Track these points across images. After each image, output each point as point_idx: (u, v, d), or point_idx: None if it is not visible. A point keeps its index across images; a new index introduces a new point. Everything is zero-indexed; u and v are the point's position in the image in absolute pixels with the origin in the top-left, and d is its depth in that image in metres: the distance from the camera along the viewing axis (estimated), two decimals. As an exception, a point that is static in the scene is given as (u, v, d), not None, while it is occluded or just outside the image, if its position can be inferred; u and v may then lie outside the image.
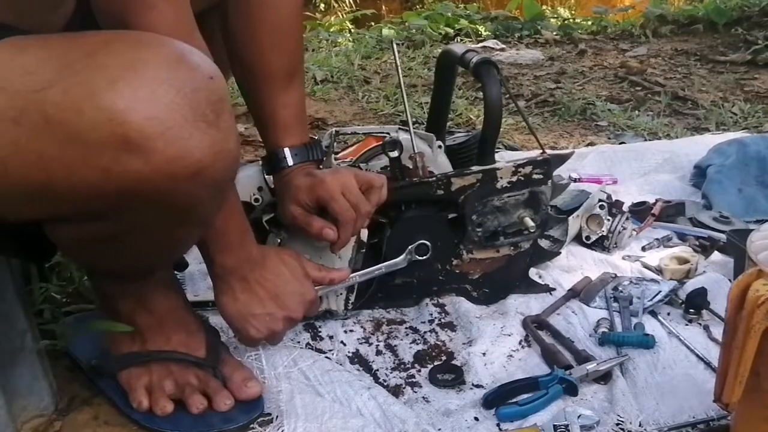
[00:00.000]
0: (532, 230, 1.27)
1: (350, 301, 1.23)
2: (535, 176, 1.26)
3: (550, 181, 1.28)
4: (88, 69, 0.74)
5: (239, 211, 1.02)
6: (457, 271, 1.28)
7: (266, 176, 1.21)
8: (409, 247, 1.22)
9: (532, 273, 1.34)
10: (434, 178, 1.23)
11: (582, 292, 1.30)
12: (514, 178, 1.25)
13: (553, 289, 1.32)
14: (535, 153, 1.39)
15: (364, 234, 1.19)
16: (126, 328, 1.00)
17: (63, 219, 0.83)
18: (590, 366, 1.09)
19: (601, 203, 1.44)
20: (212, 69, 0.79)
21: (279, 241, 1.19)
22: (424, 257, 1.23)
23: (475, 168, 1.25)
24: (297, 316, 1.07)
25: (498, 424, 1.01)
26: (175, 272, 1.26)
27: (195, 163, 0.76)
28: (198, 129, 0.76)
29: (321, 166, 1.19)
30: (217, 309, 1.15)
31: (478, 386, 1.09)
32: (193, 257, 1.26)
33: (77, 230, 0.84)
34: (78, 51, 0.76)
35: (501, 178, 1.24)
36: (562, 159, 1.35)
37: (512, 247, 1.29)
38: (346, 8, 4.70)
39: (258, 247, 1.05)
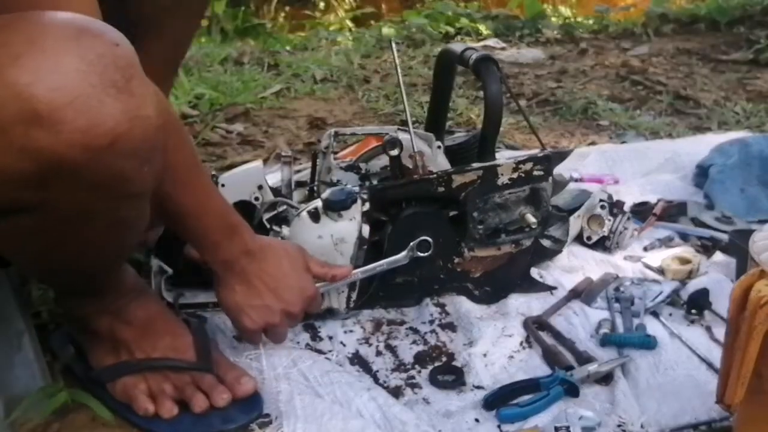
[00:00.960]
0: (533, 226, 1.26)
1: (352, 300, 1.22)
2: (535, 173, 1.25)
3: (550, 177, 1.27)
4: None
5: (221, 210, 1.01)
6: (459, 270, 1.27)
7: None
8: (411, 243, 1.21)
9: (533, 273, 1.33)
10: (435, 175, 1.23)
11: (583, 293, 1.29)
12: (515, 175, 1.25)
13: (555, 288, 1.31)
14: (536, 152, 1.39)
15: (366, 231, 1.19)
16: (106, 414, 0.99)
17: None
18: (591, 367, 1.08)
19: (602, 203, 1.44)
20: (117, 36, 0.77)
21: (280, 239, 1.18)
22: (426, 254, 1.22)
23: (475, 165, 1.25)
24: (295, 310, 1.07)
25: (499, 426, 1.01)
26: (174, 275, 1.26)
27: (109, 131, 0.74)
28: (108, 95, 0.74)
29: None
30: (215, 310, 1.15)
31: (478, 387, 1.08)
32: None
33: (11, 225, 0.82)
34: None
35: (502, 174, 1.24)
36: (563, 156, 1.35)
37: (513, 245, 1.28)
38: (345, 7, 4.69)
39: (257, 240, 1.05)
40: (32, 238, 0.85)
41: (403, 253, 1.21)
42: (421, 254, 1.22)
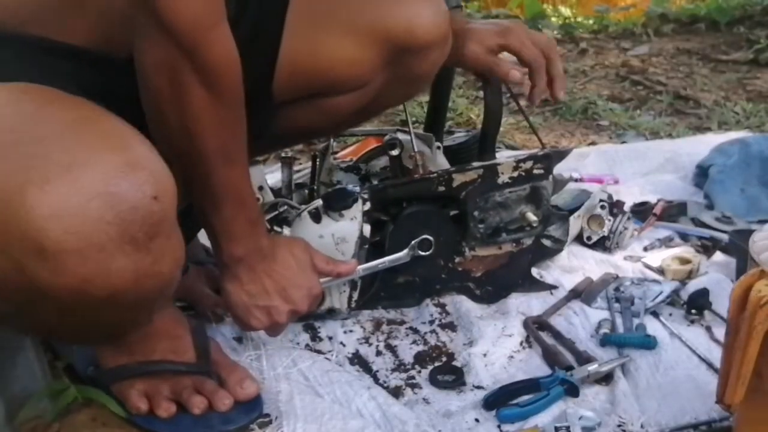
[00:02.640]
0: (534, 225, 1.26)
1: (353, 299, 1.22)
2: (536, 171, 1.26)
3: (551, 176, 1.28)
4: (31, 156, 0.70)
5: (250, 201, 1.00)
6: (460, 269, 1.27)
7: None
8: (412, 242, 1.21)
9: (534, 273, 1.33)
10: (435, 174, 1.23)
11: (583, 293, 1.29)
12: (515, 174, 1.25)
13: (555, 288, 1.31)
14: (536, 151, 1.39)
15: (367, 230, 1.19)
16: (119, 410, 0.99)
17: None
18: (591, 367, 1.08)
19: (602, 203, 1.43)
20: (161, 186, 0.75)
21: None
22: (427, 253, 1.22)
23: (476, 164, 1.25)
24: (302, 310, 1.06)
25: (499, 426, 1.01)
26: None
27: (111, 286, 0.73)
28: (122, 252, 0.72)
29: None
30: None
31: (478, 387, 1.08)
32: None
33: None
34: (35, 130, 0.72)
35: (502, 173, 1.24)
36: (562, 155, 1.35)
37: (514, 244, 1.28)
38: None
39: (268, 238, 1.04)
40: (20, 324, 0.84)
41: (405, 251, 1.21)
42: (423, 253, 1.22)
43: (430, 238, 1.22)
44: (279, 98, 1.12)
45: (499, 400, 1.04)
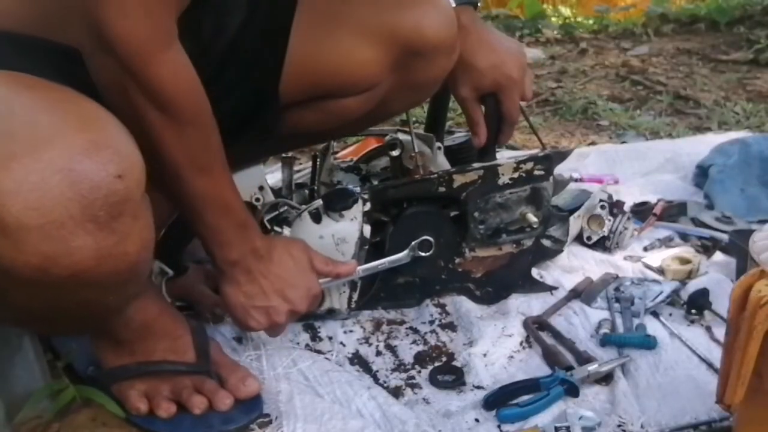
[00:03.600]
0: (534, 226, 1.26)
1: (353, 300, 1.22)
2: (536, 172, 1.26)
3: (551, 177, 1.27)
4: (4, 134, 0.70)
5: (234, 206, 0.99)
6: (460, 270, 1.27)
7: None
8: (413, 243, 1.21)
9: (534, 273, 1.33)
10: (436, 175, 1.23)
11: (583, 293, 1.29)
12: (516, 175, 1.25)
13: (556, 288, 1.31)
14: (536, 151, 1.39)
15: (367, 231, 1.19)
16: (118, 411, 0.98)
17: None
18: (591, 367, 1.08)
19: (602, 203, 1.44)
20: (126, 165, 0.74)
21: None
22: (427, 254, 1.22)
23: (476, 165, 1.25)
24: (300, 310, 1.06)
25: (499, 426, 1.01)
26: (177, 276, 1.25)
27: (72, 264, 0.72)
28: (84, 229, 0.71)
29: None
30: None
31: (478, 387, 1.08)
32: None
33: None
34: (4, 108, 0.72)
35: (503, 174, 1.24)
36: (563, 156, 1.35)
37: (515, 245, 1.28)
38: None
39: (263, 239, 1.04)
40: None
41: (405, 252, 1.21)
42: (423, 254, 1.22)
43: (431, 239, 1.22)
44: (286, 100, 1.12)
45: (499, 400, 1.04)
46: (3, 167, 0.69)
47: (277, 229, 1.19)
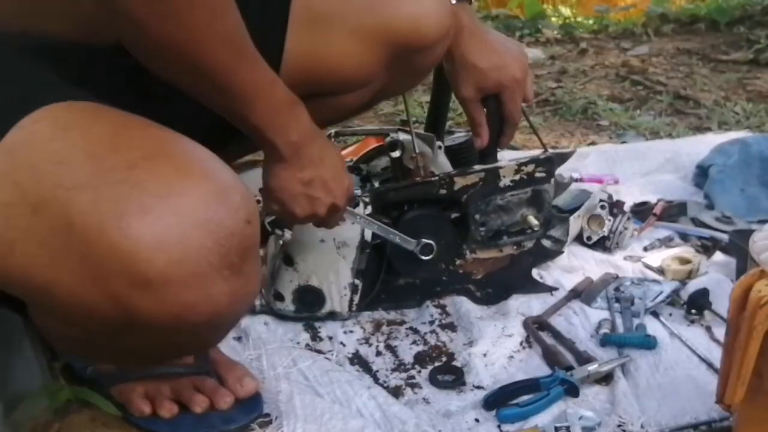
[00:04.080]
0: (535, 229, 1.26)
1: (354, 303, 1.22)
2: (537, 174, 1.25)
3: (552, 179, 1.27)
4: (123, 184, 0.69)
5: (280, 86, 0.92)
6: (461, 271, 1.27)
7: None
8: (420, 239, 1.21)
9: (534, 273, 1.33)
10: (437, 178, 1.22)
11: (583, 293, 1.29)
12: (517, 177, 1.25)
13: (556, 289, 1.31)
14: (536, 152, 1.39)
15: (368, 234, 1.18)
16: (112, 410, 0.98)
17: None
18: (591, 367, 1.08)
19: (602, 203, 1.44)
20: (251, 210, 0.75)
21: (281, 242, 1.18)
22: (429, 257, 1.22)
23: (477, 167, 1.25)
24: (341, 205, 1.04)
25: (499, 426, 1.01)
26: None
27: (210, 311, 0.73)
28: (222, 276, 0.72)
29: None
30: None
31: (478, 387, 1.09)
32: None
33: (61, 330, 0.81)
34: (119, 157, 0.71)
35: (504, 176, 1.24)
36: (564, 158, 1.35)
37: (515, 247, 1.28)
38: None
39: (309, 118, 0.97)
40: (75, 339, 0.84)
41: (414, 241, 1.20)
42: (425, 257, 1.21)
43: (432, 243, 1.22)
44: None
45: (499, 400, 1.04)
46: (140, 220, 0.68)
47: (278, 231, 1.18)
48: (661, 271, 1.37)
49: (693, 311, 1.23)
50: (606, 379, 1.08)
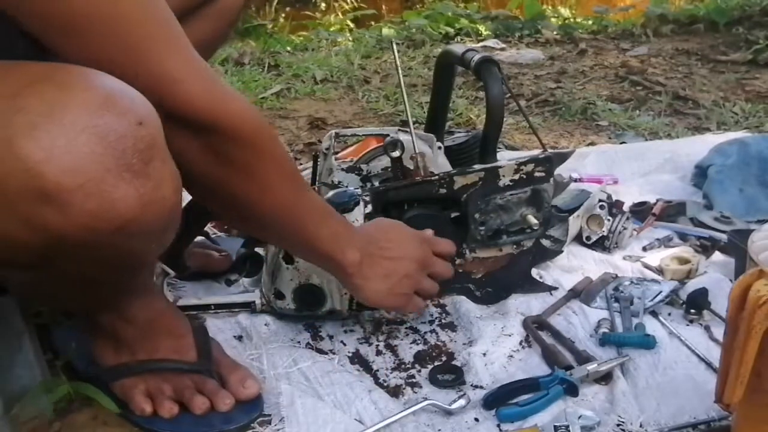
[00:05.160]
0: (535, 228, 1.26)
1: (354, 301, 1.22)
2: (537, 174, 1.26)
3: (552, 179, 1.28)
4: (9, 111, 0.70)
5: (330, 208, 1.01)
6: (460, 271, 1.27)
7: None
8: None
9: (533, 273, 1.34)
10: (437, 177, 1.23)
11: (583, 293, 1.30)
12: (517, 176, 1.25)
13: (555, 289, 1.31)
14: (536, 152, 1.39)
15: None
16: (112, 406, 0.99)
17: None
18: (591, 366, 1.08)
19: (601, 203, 1.44)
20: (143, 112, 0.75)
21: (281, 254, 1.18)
22: None
23: (477, 166, 1.25)
24: (419, 256, 1.08)
25: (498, 425, 1.01)
26: (176, 276, 1.26)
27: (119, 215, 0.73)
28: (122, 180, 0.72)
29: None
30: (216, 312, 1.15)
31: (478, 387, 1.09)
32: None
33: (12, 276, 0.82)
34: (4, 88, 0.72)
35: (503, 176, 1.24)
36: (564, 157, 1.35)
37: (515, 246, 1.28)
38: (346, 7, 4.69)
39: (359, 230, 1.06)
40: (30, 285, 0.84)
41: None
42: None
43: None
44: None
45: (498, 399, 1.04)
46: (29, 137, 0.69)
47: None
48: (660, 270, 1.37)
49: (692, 311, 1.23)
50: (605, 378, 1.08)
